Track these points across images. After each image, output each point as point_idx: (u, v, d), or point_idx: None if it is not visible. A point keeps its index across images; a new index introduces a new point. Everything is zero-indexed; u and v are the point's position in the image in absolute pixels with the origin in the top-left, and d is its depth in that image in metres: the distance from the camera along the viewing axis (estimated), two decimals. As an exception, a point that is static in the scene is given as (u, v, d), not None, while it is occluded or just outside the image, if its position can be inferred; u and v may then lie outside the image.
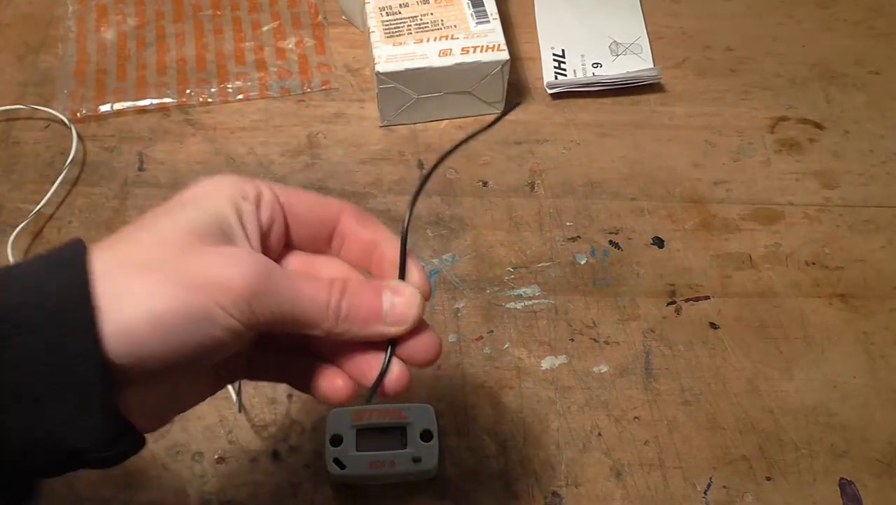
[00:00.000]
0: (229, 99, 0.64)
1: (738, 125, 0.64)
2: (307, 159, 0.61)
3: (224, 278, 0.29)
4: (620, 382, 0.52)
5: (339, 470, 0.46)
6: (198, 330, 0.29)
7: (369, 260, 0.35)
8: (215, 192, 0.32)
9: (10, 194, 0.59)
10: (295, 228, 0.35)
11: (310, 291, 0.31)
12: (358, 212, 0.36)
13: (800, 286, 0.56)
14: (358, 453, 0.46)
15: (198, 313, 0.28)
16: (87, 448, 0.28)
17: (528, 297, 0.55)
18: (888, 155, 0.63)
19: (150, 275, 0.28)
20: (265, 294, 0.30)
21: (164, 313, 0.28)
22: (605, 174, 0.61)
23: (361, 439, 0.47)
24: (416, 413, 0.48)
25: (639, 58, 0.67)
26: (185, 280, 0.29)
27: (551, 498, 0.48)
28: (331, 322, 0.32)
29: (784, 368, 0.52)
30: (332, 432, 0.47)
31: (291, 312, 0.31)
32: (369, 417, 0.47)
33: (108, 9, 0.69)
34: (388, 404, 0.48)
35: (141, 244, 0.29)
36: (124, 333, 0.27)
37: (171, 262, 0.29)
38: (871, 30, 0.70)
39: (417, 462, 0.46)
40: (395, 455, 0.46)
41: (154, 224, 0.30)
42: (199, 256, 0.29)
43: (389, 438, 0.47)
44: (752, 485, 0.48)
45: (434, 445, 0.47)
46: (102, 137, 0.62)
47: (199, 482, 0.47)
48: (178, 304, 0.28)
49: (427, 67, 0.59)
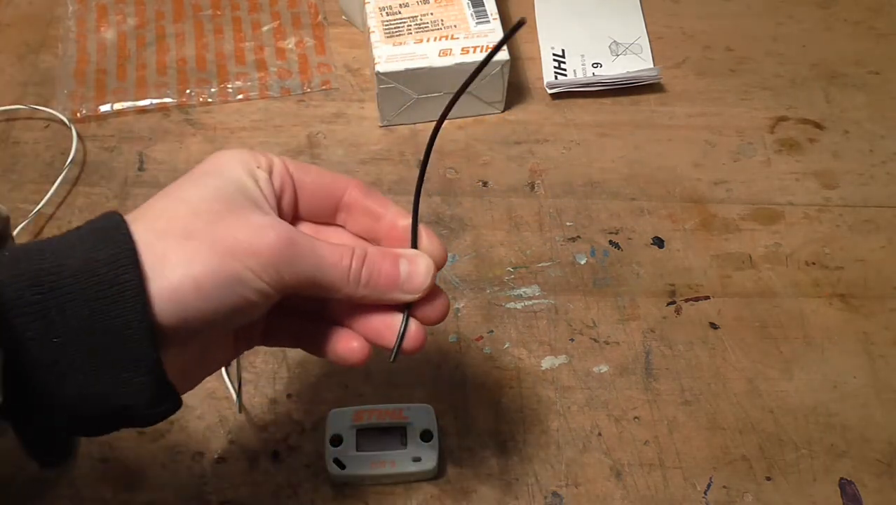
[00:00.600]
0: (229, 99, 0.64)
1: (738, 125, 0.64)
2: (307, 159, 0.61)
3: (254, 246, 0.32)
4: (620, 382, 0.52)
5: (339, 470, 0.46)
6: (232, 292, 0.31)
7: (375, 231, 0.37)
8: (232, 162, 0.34)
9: (10, 194, 0.59)
10: (303, 199, 0.36)
11: (332, 258, 0.34)
12: (364, 186, 0.37)
13: (800, 286, 0.56)
14: (358, 453, 0.47)
15: (232, 277, 0.31)
16: (136, 405, 0.31)
17: (528, 297, 0.55)
18: (888, 155, 0.63)
19: (188, 243, 0.31)
20: (291, 259, 0.32)
21: (203, 277, 0.30)
22: (605, 174, 0.61)
23: (361, 439, 0.47)
24: (417, 413, 0.48)
25: (639, 58, 0.67)
26: (220, 247, 0.31)
27: (551, 498, 0.48)
28: (351, 287, 0.35)
29: (784, 368, 0.52)
30: (332, 432, 0.47)
31: (316, 276, 0.33)
32: (369, 417, 0.47)
33: (108, 9, 0.69)
34: (388, 404, 0.48)
35: (175, 214, 0.32)
36: (169, 296, 0.30)
37: (205, 230, 0.31)
38: (871, 30, 0.70)
39: (417, 462, 0.46)
40: (395, 455, 0.46)
41: (182, 194, 0.33)
42: (230, 223, 0.32)
43: (389, 438, 0.47)
44: (752, 485, 0.48)
45: (434, 445, 0.47)
46: (102, 137, 0.62)
47: (199, 482, 0.47)
48: (214, 268, 0.31)
49: (427, 67, 0.59)
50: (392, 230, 0.37)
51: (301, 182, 0.36)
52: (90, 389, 0.30)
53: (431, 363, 0.52)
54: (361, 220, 0.37)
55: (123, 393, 0.30)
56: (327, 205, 0.37)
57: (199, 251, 0.31)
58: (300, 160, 0.60)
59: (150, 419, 0.32)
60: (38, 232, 0.57)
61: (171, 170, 0.60)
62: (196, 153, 0.61)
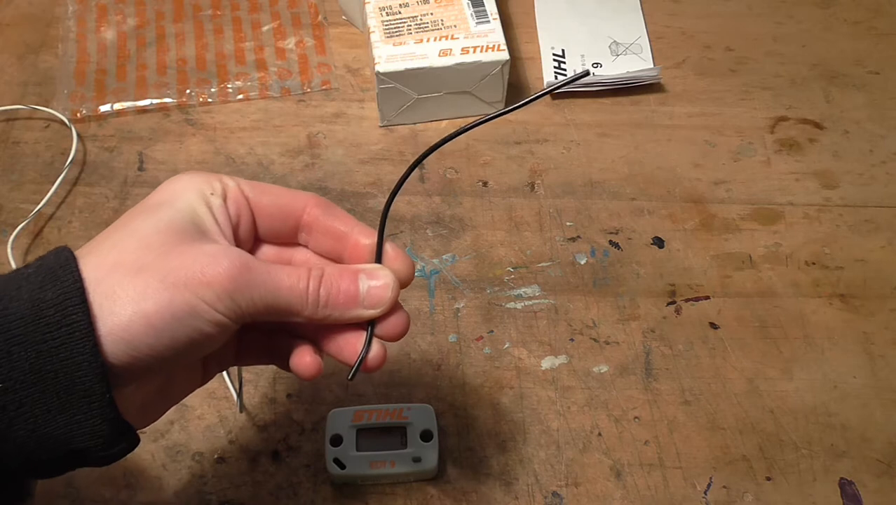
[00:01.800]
0: (229, 99, 0.64)
1: (738, 125, 0.64)
2: (307, 159, 0.61)
3: (206, 275, 0.30)
4: (620, 382, 0.52)
5: (339, 470, 0.46)
6: (187, 325, 0.30)
7: (339, 250, 0.36)
8: (185, 190, 0.33)
9: (10, 194, 0.59)
10: (262, 221, 0.36)
11: (288, 281, 0.33)
12: (324, 203, 0.36)
13: (800, 286, 0.56)
14: (358, 453, 0.47)
15: (185, 310, 0.30)
16: (89, 448, 0.30)
17: (528, 297, 0.55)
18: (888, 155, 0.63)
19: (138, 277, 0.30)
20: (246, 287, 0.31)
21: (154, 313, 0.29)
22: (605, 174, 0.61)
23: (361, 439, 0.47)
24: (417, 413, 0.48)
25: (639, 58, 0.67)
26: (171, 280, 0.30)
27: (551, 498, 0.48)
28: (311, 309, 0.33)
29: (784, 368, 0.52)
30: (332, 432, 0.47)
31: (273, 302, 0.32)
32: (369, 417, 0.47)
33: (108, 9, 0.69)
34: (388, 405, 0.48)
35: (125, 248, 0.31)
36: (119, 334, 0.29)
37: (156, 263, 0.30)
38: (871, 30, 0.70)
39: (417, 462, 0.46)
40: (395, 455, 0.46)
41: (133, 226, 0.32)
42: (181, 255, 0.31)
43: (389, 438, 0.47)
44: (752, 485, 0.48)
45: (434, 445, 0.47)
46: (102, 137, 0.62)
47: (199, 482, 0.47)
48: (165, 303, 0.29)
49: (427, 67, 0.59)
50: (356, 249, 0.36)
51: (258, 204, 0.35)
52: (41, 432, 0.29)
53: (431, 363, 0.52)
54: (323, 239, 0.36)
55: (77, 436, 0.29)
56: (287, 225, 0.36)
57: (150, 285, 0.30)
58: (300, 160, 0.61)
59: (106, 460, 0.31)
60: (38, 232, 0.57)
61: (171, 170, 0.60)
62: (196, 153, 0.61)
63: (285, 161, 0.61)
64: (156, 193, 0.33)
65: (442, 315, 0.54)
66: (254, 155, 0.61)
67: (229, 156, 0.61)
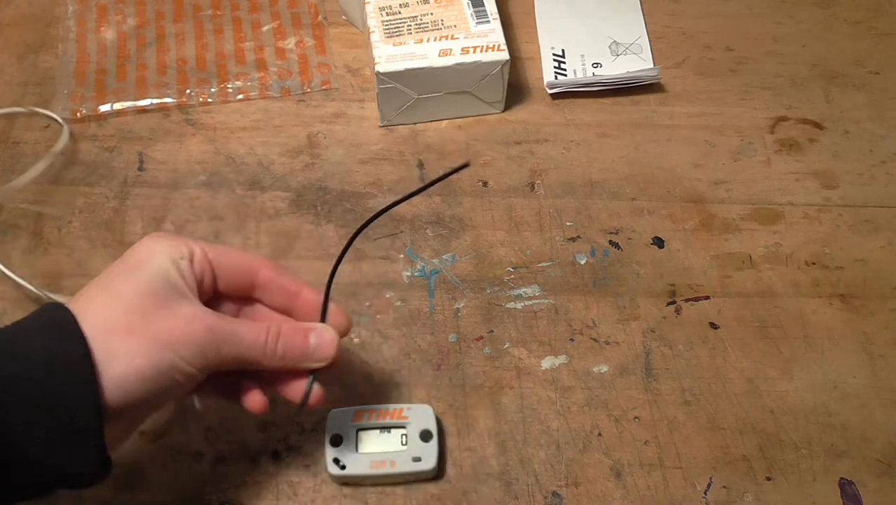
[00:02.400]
0: (229, 99, 0.64)
1: (738, 125, 0.64)
2: (307, 159, 0.61)
3: (186, 337, 0.37)
4: (620, 382, 0.52)
5: (339, 470, 0.46)
6: (167, 377, 0.37)
7: (289, 306, 0.43)
8: (158, 253, 0.39)
9: (10, 194, 0.59)
10: (221, 279, 0.42)
11: (250, 336, 0.40)
12: (275, 266, 0.43)
13: (800, 286, 0.56)
14: (358, 453, 0.47)
15: (167, 365, 0.37)
16: (82, 475, 0.36)
17: (528, 297, 0.55)
18: (888, 155, 0.63)
19: (130, 338, 0.36)
20: (217, 345, 0.38)
21: (144, 367, 0.36)
22: (605, 174, 0.61)
23: (362, 439, 0.47)
24: (417, 413, 0.48)
25: (639, 58, 0.67)
26: (157, 340, 0.37)
27: (551, 498, 0.48)
28: (269, 360, 0.41)
29: (784, 368, 0.52)
30: (332, 432, 0.47)
31: (238, 355, 0.39)
32: (369, 417, 0.47)
33: (108, 9, 0.69)
34: (388, 405, 0.48)
35: (114, 310, 0.37)
36: (117, 385, 0.35)
37: (142, 325, 0.37)
38: (871, 30, 0.70)
39: (417, 462, 0.46)
40: (396, 455, 0.46)
41: (117, 287, 0.38)
42: (163, 318, 0.37)
43: (390, 437, 0.47)
44: (752, 485, 0.48)
45: (434, 445, 0.47)
46: (102, 137, 0.62)
47: (199, 482, 0.47)
48: (154, 360, 0.36)
49: (427, 67, 0.59)
50: (306, 305, 0.43)
51: (219, 264, 0.41)
52: (42, 463, 0.35)
53: (431, 363, 0.52)
54: (276, 296, 0.43)
55: (72, 466, 0.35)
56: (244, 283, 0.42)
57: (140, 345, 0.36)
58: (300, 160, 0.61)
59: (85, 485, 0.37)
60: (38, 232, 0.57)
61: (171, 170, 0.60)
62: (196, 153, 0.61)
63: (285, 161, 0.61)
64: (131, 254, 0.39)
65: (442, 315, 0.54)
66: (254, 155, 0.61)
67: (229, 156, 0.61)
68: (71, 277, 0.55)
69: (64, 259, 0.56)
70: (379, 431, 0.47)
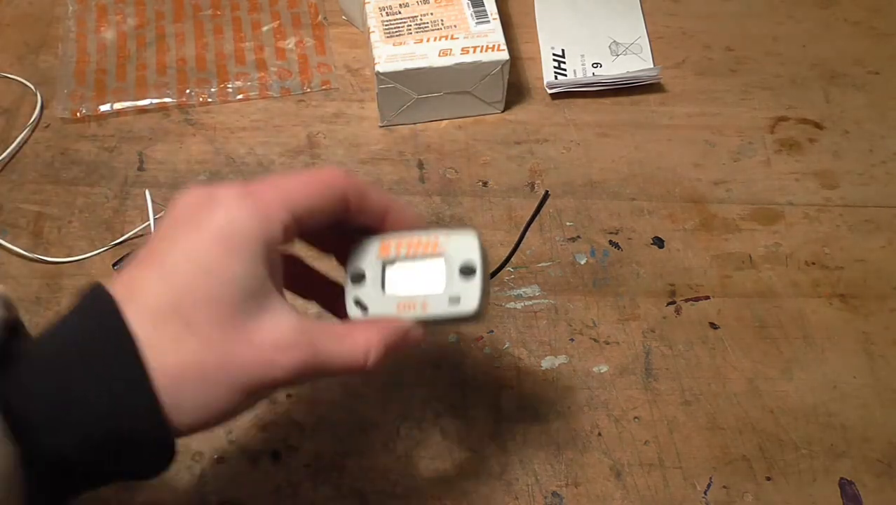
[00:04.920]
0: (229, 99, 0.64)
1: (738, 125, 0.64)
2: (307, 159, 0.61)
3: (276, 374, 0.32)
4: (620, 382, 0.52)
5: (360, 313, 0.38)
6: (242, 410, 0.32)
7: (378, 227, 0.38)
8: (247, 241, 0.31)
9: (10, 194, 0.59)
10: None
11: (349, 360, 0.34)
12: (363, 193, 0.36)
13: (800, 286, 0.56)
14: (384, 293, 0.38)
15: (244, 406, 0.32)
16: (151, 475, 0.32)
17: (528, 297, 0.55)
18: (888, 155, 0.63)
19: (205, 384, 0.30)
20: (305, 369, 0.32)
21: (221, 413, 0.31)
22: (605, 174, 0.61)
23: (389, 276, 0.38)
24: (456, 243, 0.38)
25: (639, 58, 0.67)
26: (238, 384, 0.31)
27: (551, 498, 0.48)
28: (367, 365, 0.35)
29: (784, 368, 0.52)
30: (354, 268, 0.38)
31: (328, 371, 0.34)
32: (398, 249, 0.38)
33: (108, 9, 0.69)
34: (421, 232, 0.38)
35: (187, 346, 0.30)
36: (186, 427, 0.31)
37: (220, 365, 0.31)
38: (871, 30, 0.70)
39: (455, 303, 0.37)
40: (429, 295, 0.37)
41: (190, 303, 0.31)
42: (246, 350, 0.31)
43: (422, 273, 0.38)
44: (752, 485, 0.48)
45: (477, 281, 0.37)
46: (102, 137, 0.62)
47: (199, 482, 0.47)
48: (234, 404, 0.31)
49: (427, 67, 0.59)
50: (396, 223, 0.38)
51: (304, 228, 0.35)
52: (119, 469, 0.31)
53: (431, 363, 0.52)
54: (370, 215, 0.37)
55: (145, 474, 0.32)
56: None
57: (219, 394, 0.31)
58: (300, 160, 0.61)
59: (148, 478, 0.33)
60: (38, 232, 0.57)
61: (171, 170, 0.60)
62: (196, 153, 0.61)
63: (285, 161, 0.61)
64: (205, 232, 0.31)
65: (442, 315, 0.54)
66: (254, 155, 0.61)
67: (229, 156, 0.61)
68: (71, 277, 0.55)
69: (64, 259, 0.56)
70: (410, 264, 0.38)
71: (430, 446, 0.49)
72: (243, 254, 0.31)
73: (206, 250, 0.31)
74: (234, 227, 0.31)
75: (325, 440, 0.49)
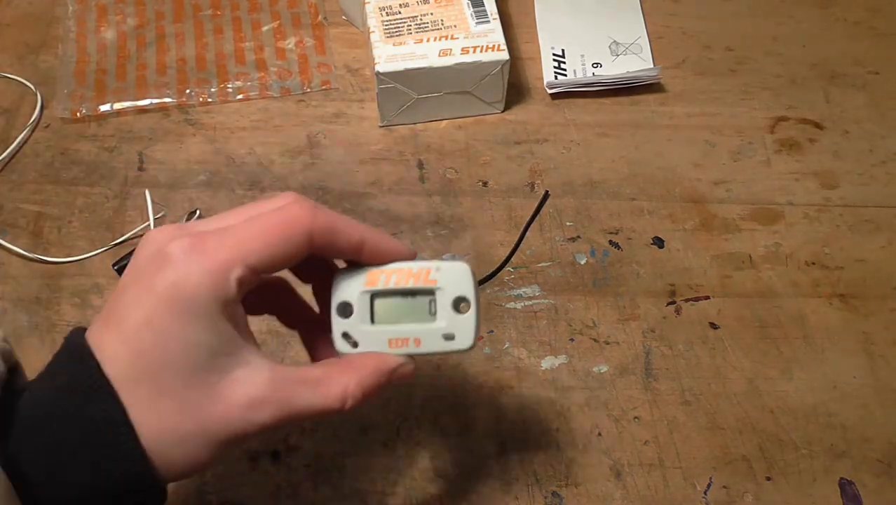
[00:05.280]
0: (229, 99, 0.64)
1: (738, 125, 0.64)
2: (307, 159, 0.61)
3: (252, 426, 0.32)
4: (620, 382, 0.52)
5: (350, 348, 0.36)
6: (223, 456, 0.33)
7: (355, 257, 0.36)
8: (198, 298, 0.31)
9: (10, 194, 0.59)
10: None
11: (328, 403, 0.34)
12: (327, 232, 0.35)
13: (800, 286, 0.56)
14: (373, 326, 0.36)
15: (223, 454, 0.33)
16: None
17: (528, 297, 0.55)
18: (888, 155, 0.63)
19: (186, 440, 0.31)
20: (280, 421, 0.33)
21: (204, 463, 0.32)
22: (605, 174, 0.61)
23: (377, 308, 0.36)
24: (448, 275, 0.35)
25: (639, 58, 0.67)
26: (217, 438, 0.32)
27: (551, 498, 0.48)
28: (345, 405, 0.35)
29: (784, 368, 0.52)
30: (340, 299, 0.36)
31: (304, 419, 0.35)
32: (387, 279, 0.36)
33: (108, 9, 0.69)
34: (412, 263, 0.36)
35: (162, 406, 0.31)
36: (172, 477, 0.32)
37: (198, 423, 0.31)
38: (871, 30, 0.70)
39: (450, 340, 0.36)
40: (422, 330, 0.36)
41: (157, 362, 0.31)
42: (221, 410, 0.31)
43: (413, 306, 0.36)
44: (752, 485, 0.48)
45: (471, 315, 0.35)
46: (102, 137, 0.62)
47: (199, 482, 0.47)
48: (216, 456, 0.32)
49: (427, 67, 0.59)
50: (372, 255, 0.35)
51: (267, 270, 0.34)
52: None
53: (431, 363, 0.52)
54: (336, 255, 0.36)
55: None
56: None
57: (198, 449, 0.31)
58: (300, 160, 0.61)
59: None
60: (38, 232, 0.57)
61: (171, 170, 0.60)
62: (196, 153, 0.61)
63: (285, 161, 0.61)
64: (157, 287, 0.31)
65: (442, 315, 0.54)
66: (254, 155, 0.61)
67: (229, 156, 0.61)
68: (71, 277, 0.55)
69: (64, 259, 0.55)
70: (400, 297, 0.36)
71: (430, 446, 0.49)
72: (199, 316, 0.31)
73: (161, 315, 0.30)
74: (186, 291, 0.31)
75: (325, 440, 0.49)
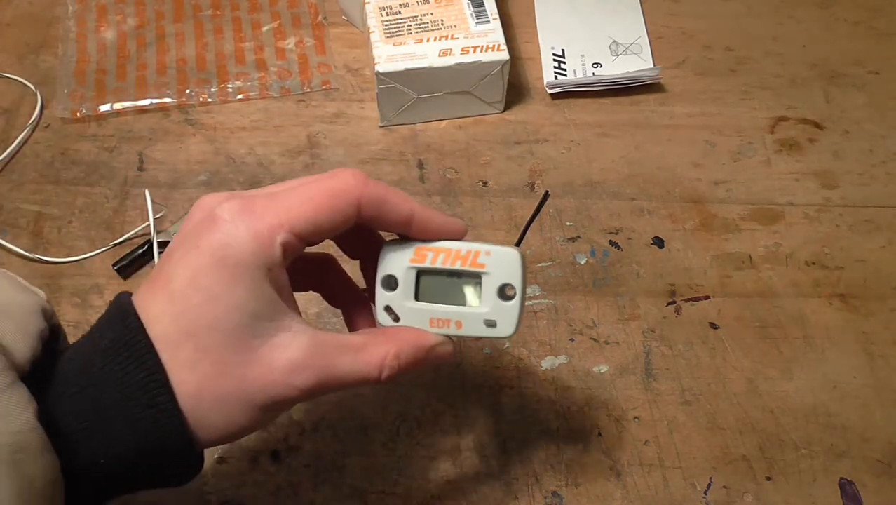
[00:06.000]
0: (229, 99, 0.64)
1: (738, 125, 0.64)
2: (307, 159, 0.61)
3: (291, 392, 0.32)
4: (620, 382, 0.52)
5: (391, 322, 0.37)
6: (263, 423, 0.34)
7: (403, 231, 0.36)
8: (243, 265, 0.31)
9: (10, 194, 0.59)
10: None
11: (365, 371, 0.34)
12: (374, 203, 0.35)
13: (800, 286, 0.56)
14: (416, 304, 0.36)
15: (268, 420, 0.34)
16: (179, 483, 0.35)
17: (529, 297, 0.55)
18: (888, 155, 0.63)
19: (225, 404, 0.32)
20: (320, 387, 0.33)
21: (241, 429, 0.33)
22: (605, 174, 0.61)
23: (422, 286, 0.36)
24: (497, 260, 0.35)
25: (639, 58, 0.67)
26: (255, 403, 0.32)
27: (551, 498, 0.48)
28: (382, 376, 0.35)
29: (784, 368, 0.52)
30: (386, 272, 0.36)
31: (342, 386, 0.34)
32: (434, 257, 0.36)
33: (108, 9, 0.69)
34: (461, 243, 0.36)
35: (204, 369, 0.31)
36: (210, 442, 0.33)
37: (238, 385, 0.31)
38: (871, 30, 0.70)
39: (491, 327, 0.36)
40: (463, 313, 0.36)
41: (202, 327, 0.31)
42: (261, 373, 0.32)
43: (459, 288, 0.36)
44: (752, 485, 0.48)
45: (515, 304, 0.35)
46: (102, 137, 0.62)
47: (199, 482, 0.47)
48: (252, 421, 0.33)
49: (427, 67, 0.59)
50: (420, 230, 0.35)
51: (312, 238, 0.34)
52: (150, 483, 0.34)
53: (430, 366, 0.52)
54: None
55: (173, 482, 0.34)
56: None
57: (237, 413, 0.32)
58: (300, 160, 0.61)
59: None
60: (38, 232, 0.57)
61: (171, 170, 0.60)
62: (196, 153, 0.61)
63: (285, 161, 0.61)
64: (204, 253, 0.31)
65: (442, 315, 0.54)
66: (254, 155, 0.61)
67: (229, 156, 0.61)
68: (71, 277, 0.55)
69: (64, 259, 0.55)
70: (446, 276, 0.36)
71: (430, 446, 0.49)
72: (245, 278, 0.31)
73: (207, 275, 0.31)
74: (233, 251, 0.31)
75: (325, 440, 0.49)
